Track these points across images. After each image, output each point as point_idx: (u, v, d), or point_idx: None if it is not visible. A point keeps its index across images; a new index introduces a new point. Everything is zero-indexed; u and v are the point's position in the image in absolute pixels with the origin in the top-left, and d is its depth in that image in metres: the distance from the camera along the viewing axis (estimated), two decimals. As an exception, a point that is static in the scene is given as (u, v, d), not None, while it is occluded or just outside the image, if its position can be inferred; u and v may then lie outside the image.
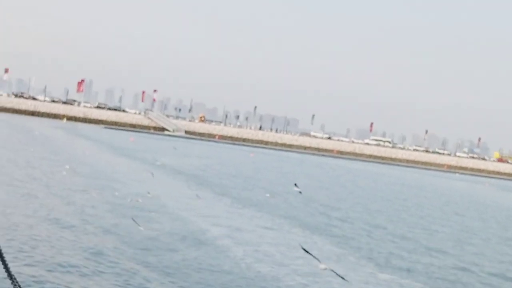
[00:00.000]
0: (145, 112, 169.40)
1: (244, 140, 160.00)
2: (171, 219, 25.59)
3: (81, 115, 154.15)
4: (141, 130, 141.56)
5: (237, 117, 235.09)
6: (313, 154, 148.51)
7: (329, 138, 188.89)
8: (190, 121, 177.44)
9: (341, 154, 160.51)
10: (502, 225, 42.57)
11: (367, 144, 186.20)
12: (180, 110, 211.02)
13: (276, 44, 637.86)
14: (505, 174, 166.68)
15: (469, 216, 45.54)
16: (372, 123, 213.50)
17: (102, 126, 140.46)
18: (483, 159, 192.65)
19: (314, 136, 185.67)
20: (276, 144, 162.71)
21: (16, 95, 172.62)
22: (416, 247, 27.09)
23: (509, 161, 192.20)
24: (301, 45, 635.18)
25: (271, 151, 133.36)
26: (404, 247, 26.59)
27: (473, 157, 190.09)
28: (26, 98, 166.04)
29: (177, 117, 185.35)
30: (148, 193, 30.58)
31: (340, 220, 32.45)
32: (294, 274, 18.28)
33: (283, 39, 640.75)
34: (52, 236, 19.47)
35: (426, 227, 34.59)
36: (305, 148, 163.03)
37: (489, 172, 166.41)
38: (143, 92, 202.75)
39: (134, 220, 20.98)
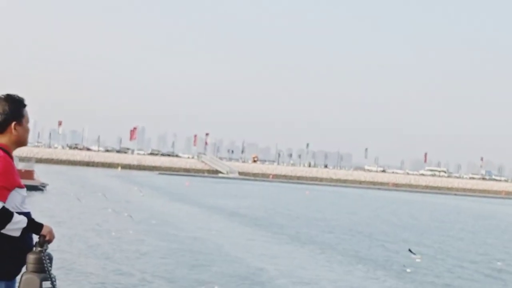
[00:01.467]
0: (198, 156, 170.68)
1: (298, 178, 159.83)
2: (228, 261, 25.84)
3: (135, 162, 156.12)
4: (195, 174, 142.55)
5: (290, 155, 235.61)
6: (369, 188, 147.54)
7: (384, 171, 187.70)
8: (243, 162, 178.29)
9: (396, 186, 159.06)
10: None
11: (422, 175, 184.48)
12: (232, 151, 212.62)
13: (324, 81, 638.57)
14: None
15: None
16: (426, 153, 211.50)
17: (156, 172, 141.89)
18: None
19: (369, 170, 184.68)
20: (331, 180, 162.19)
21: (70, 147, 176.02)
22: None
23: None
24: (348, 81, 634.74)
25: (326, 187, 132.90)
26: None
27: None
28: (80, 149, 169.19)
29: (230, 159, 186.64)
30: (205, 236, 30.93)
31: (402, 254, 32.30)
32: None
33: (332, 75, 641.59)
34: (111, 283, 19.89)
35: None
36: (360, 182, 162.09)
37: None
38: (195, 136, 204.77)
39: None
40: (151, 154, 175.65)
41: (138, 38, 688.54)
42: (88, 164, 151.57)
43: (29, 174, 54.99)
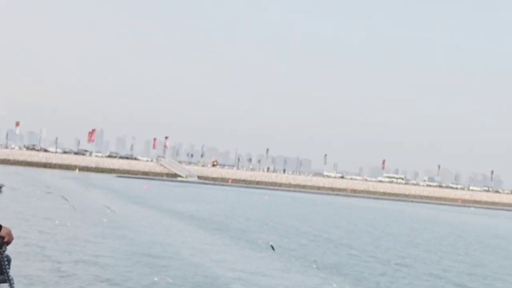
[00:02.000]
0: (157, 159, 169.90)
1: (258, 183, 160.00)
2: (185, 265, 25.70)
3: (93, 165, 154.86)
4: (154, 178, 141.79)
5: (250, 160, 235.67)
6: (327, 194, 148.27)
7: (342, 177, 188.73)
8: (202, 166, 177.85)
9: (354, 192, 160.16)
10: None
11: (380, 181, 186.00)
12: (192, 155, 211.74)
13: (286, 88, 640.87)
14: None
15: (483, 250, 45.40)
16: (384, 161, 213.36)
17: (115, 175, 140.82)
18: (497, 191, 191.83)
19: (327, 176, 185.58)
20: (290, 185, 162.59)
21: (27, 148, 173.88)
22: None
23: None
24: (310, 88, 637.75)
25: (285, 192, 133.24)
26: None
27: (487, 190, 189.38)
28: (37, 150, 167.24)
29: (190, 163, 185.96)
30: (163, 240, 30.73)
31: (356, 258, 32.46)
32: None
33: (292, 82, 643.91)
34: (64, 285, 19.63)
35: (441, 262, 34.56)
36: (319, 188, 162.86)
37: (503, 204, 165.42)
38: (155, 139, 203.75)
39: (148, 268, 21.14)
40: (110, 156, 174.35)
41: (98, 41, 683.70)
42: (45, 165, 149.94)
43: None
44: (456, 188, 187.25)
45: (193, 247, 31.77)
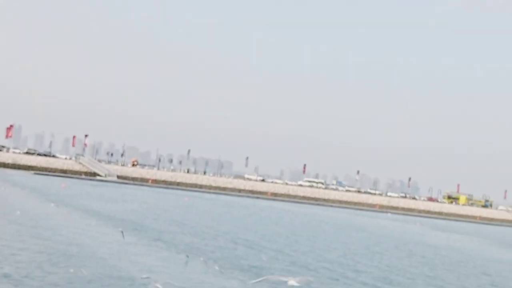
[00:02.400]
0: (76, 157, 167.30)
1: (178, 184, 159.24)
2: (101, 265, 25.40)
3: (10, 161, 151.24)
4: (72, 176, 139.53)
5: (171, 160, 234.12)
6: (248, 196, 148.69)
7: (263, 180, 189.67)
8: (122, 165, 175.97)
9: (275, 196, 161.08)
10: (430, 264, 43.39)
11: (301, 185, 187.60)
12: (112, 154, 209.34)
13: (209, 85, 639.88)
14: (434, 213, 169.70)
15: (397, 255, 46.33)
16: (305, 165, 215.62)
17: (32, 172, 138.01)
18: (414, 198, 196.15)
19: (248, 179, 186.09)
20: (211, 187, 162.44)
21: None
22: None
23: (439, 200, 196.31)
24: (233, 89, 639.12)
25: (206, 194, 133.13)
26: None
27: (404, 197, 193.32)
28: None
29: (109, 162, 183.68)
30: (79, 239, 30.31)
31: (274, 262, 32.69)
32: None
33: (215, 80, 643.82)
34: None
35: (352, 267, 35.10)
36: (240, 190, 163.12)
37: (419, 211, 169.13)
38: (74, 137, 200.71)
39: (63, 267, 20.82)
40: (27, 153, 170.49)
41: (19, 35, 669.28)
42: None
43: None
44: (374, 194, 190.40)
45: (110, 247, 31.42)
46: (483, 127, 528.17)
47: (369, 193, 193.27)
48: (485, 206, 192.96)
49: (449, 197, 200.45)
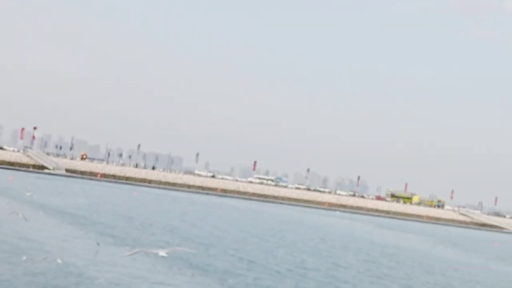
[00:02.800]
0: (24, 150, 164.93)
1: (127, 178, 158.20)
2: (48, 261, 25.09)
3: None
4: (20, 169, 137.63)
5: (120, 155, 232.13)
6: (198, 192, 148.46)
7: (213, 176, 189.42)
8: (71, 159, 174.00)
9: (225, 192, 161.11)
10: (376, 262, 43.87)
11: (251, 182, 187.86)
12: (61, 147, 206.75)
13: (160, 83, 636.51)
14: (382, 211, 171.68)
15: (344, 253, 46.75)
16: (255, 162, 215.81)
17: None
18: (362, 197, 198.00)
19: (198, 175, 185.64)
20: (160, 182, 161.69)
21: None
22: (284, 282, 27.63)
23: (387, 199, 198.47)
24: (185, 85, 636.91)
25: (155, 190, 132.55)
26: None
27: (352, 195, 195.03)
28: None
29: (58, 155, 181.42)
30: (26, 233, 29.91)
31: (221, 258, 32.71)
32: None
33: (166, 78, 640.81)
34: None
35: (299, 263, 35.33)
36: (189, 186, 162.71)
37: (368, 209, 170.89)
38: (22, 129, 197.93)
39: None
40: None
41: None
42: None
43: None
44: (324, 192, 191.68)
45: (56, 242, 31.09)
46: (428, 127, 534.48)
47: (319, 191, 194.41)
48: (437, 206, 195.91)
49: (392, 196, 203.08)
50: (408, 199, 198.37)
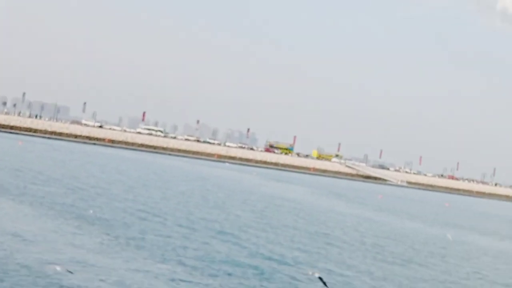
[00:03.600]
0: None
1: (12, 127, 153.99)
2: None
3: None
4: None
5: (4, 103, 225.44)
6: (85, 143, 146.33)
7: (101, 126, 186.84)
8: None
9: (112, 143, 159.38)
10: (262, 214, 44.72)
11: (139, 133, 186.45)
12: None
13: (53, 26, 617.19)
14: (271, 163, 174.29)
15: (232, 204, 47.42)
16: (144, 112, 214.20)
17: None
18: (252, 149, 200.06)
19: (86, 125, 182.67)
20: (46, 132, 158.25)
21: None
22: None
23: (276, 151, 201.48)
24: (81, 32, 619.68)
25: (41, 139, 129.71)
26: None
27: (242, 147, 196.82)
28: None
29: None
30: None
31: (109, 207, 32.66)
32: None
33: (58, 21, 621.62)
34: None
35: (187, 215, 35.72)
36: (76, 136, 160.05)
37: (257, 161, 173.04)
38: None
39: None
40: None
41: None
42: None
43: None
44: (213, 144, 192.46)
45: None
46: (315, 82, 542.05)
47: (208, 142, 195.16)
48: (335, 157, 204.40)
49: (271, 146, 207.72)
50: (287, 150, 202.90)
